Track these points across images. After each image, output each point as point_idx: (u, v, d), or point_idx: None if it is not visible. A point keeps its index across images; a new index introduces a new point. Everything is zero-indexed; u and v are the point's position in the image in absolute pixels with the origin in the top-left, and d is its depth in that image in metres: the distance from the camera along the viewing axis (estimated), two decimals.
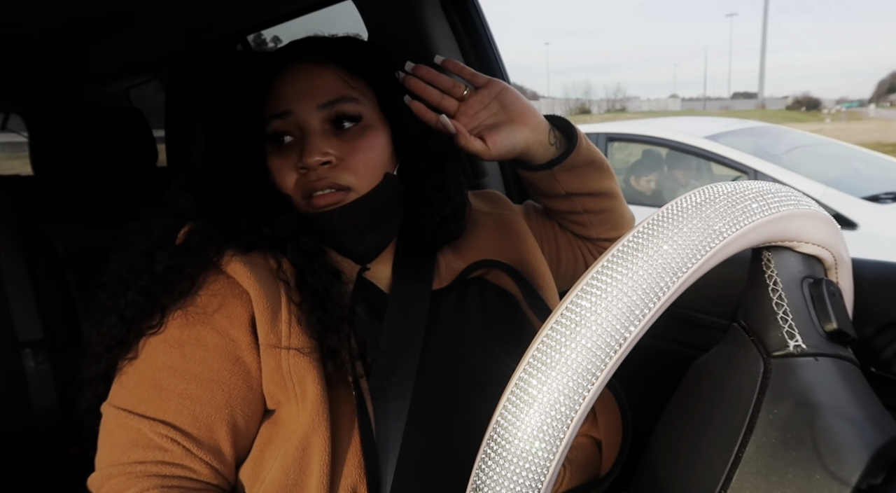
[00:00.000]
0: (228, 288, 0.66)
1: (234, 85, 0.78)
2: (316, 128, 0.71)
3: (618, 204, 0.90)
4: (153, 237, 0.69)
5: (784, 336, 0.51)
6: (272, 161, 0.73)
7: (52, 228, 1.37)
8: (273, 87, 0.74)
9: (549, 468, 0.41)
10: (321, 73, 0.73)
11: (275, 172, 0.73)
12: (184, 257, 0.66)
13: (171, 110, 0.93)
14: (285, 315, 0.64)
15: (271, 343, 0.64)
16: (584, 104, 65.08)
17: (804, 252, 0.56)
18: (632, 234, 0.45)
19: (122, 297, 0.66)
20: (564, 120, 0.85)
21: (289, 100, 0.72)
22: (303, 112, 0.72)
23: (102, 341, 0.67)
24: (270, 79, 0.74)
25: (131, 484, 0.60)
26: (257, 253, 0.68)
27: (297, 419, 0.64)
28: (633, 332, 0.42)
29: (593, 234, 0.91)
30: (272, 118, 0.72)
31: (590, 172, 0.85)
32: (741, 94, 76.96)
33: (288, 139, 0.73)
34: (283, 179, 0.72)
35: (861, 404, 0.49)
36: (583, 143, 0.83)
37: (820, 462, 0.43)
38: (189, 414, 0.62)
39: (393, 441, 0.66)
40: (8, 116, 2.53)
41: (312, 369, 0.63)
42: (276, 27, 1.71)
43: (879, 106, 41.46)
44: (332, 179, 0.71)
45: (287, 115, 0.72)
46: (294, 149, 0.72)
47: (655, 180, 3.85)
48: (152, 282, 0.65)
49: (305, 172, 0.71)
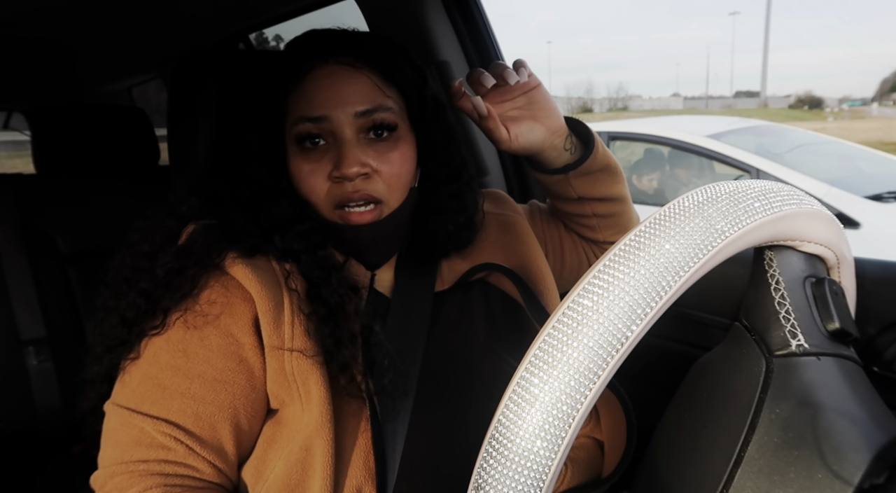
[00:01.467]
0: (231, 290, 0.65)
1: (253, 81, 0.74)
2: (351, 137, 0.68)
3: (627, 208, 0.90)
4: (156, 238, 0.68)
5: (786, 335, 0.51)
6: (300, 165, 0.69)
7: (55, 227, 1.37)
8: (301, 86, 0.69)
9: (551, 467, 0.41)
10: (357, 79, 0.69)
11: (302, 177, 0.69)
12: (185, 259, 0.65)
13: (174, 109, 0.93)
14: (288, 317, 0.64)
15: (274, 345, 0.64)
16: (586, 103, 65.01)
17: (806, 251, 0.56)
18: (634, 233, 0.45)
19: (123, 298, 0.66)
20: (583, 124, 0.84)
21: (325, 105, 0.68)
22: (339, 119, 0.68)
23: (104, 342, 0.67)
24: (299, 77, 0.70)
25: (134, 483, 0.60)
26: (260, 255, 0.68)
27: (302, 420, 0.64)
28: (635, 331, 0.42)
29: (600, 237, 0.91)
30: (303, 121, 0.68)
31: (604, 178, 0.84)
32: (744, 92, 76.81)
33: (320, 143, 0.69)
34: (312, 184, 0.69)
35: (863, 403, 0.48)
36: (599, 149, 0.83)
37: (822, 462, 0.43)
38: (192, 413, 0.62)
39: (397, 442, 0.66)
40: (11, 114, 2.54)
41: (316, 370, 0.63)
42: (277, 26, 1.71)
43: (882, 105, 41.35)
44: (367, 191, 0.69)
45: (322, 120, 0.68)
46: (326, 155, 0.69)
47: (657, 179, 3.84)
48: (153, 285, 0.65)
49: (340, 181, 0.68)
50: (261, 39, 2.02)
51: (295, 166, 0.70)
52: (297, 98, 0.69)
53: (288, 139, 0.70)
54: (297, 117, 0.69)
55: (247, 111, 0.73)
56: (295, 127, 0.69)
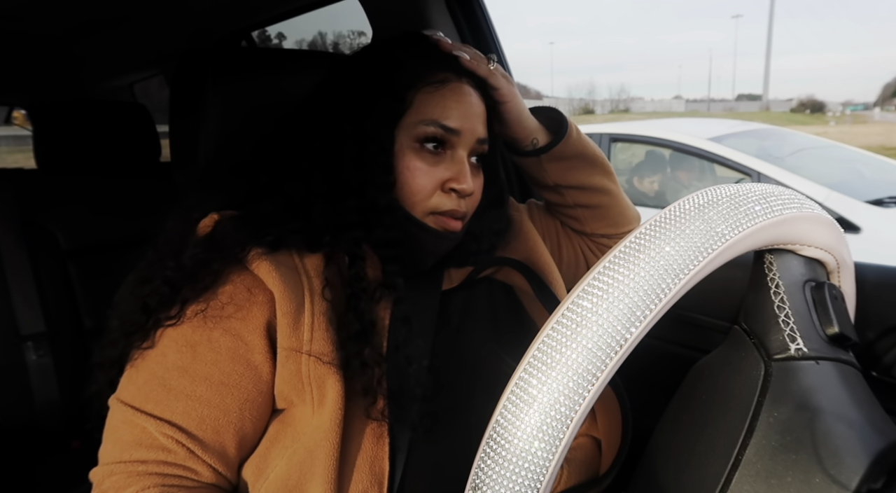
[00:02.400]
0: (251, 287, 0.64)
1: (372, 71, 0.73)
2: (465, 157, 0.72)
3: (614, 202, 0.90)
4: (190, 226, 0.68)
5: (785, 339, 0.51)
6: (415, 162, 0.70)
7: (55, 222, 1.37)
8: (439, 92, 0.71)
9: (549, 468, 0.41)
10: (481, 108, 0.74)
11: (415, 174, 0.70)
12: (214, 253, 0.65)
13: (176, 106, 0.93)
14: (308, 319, 0.63)
15: (292, 347, 0.63)
16: (588, 104, 65.01)
17: (807, 255, 0.56)
18: (634, 235, 0.45)
19: (148, 284, 0.66)
20: (555, 110, 0.86)
21: (460, 119, 0.71)
22: (467, 138, 0.71)
23: (122, 327, 0.66)
24: (433, 81, 0.71)
25: (132, 482, 0.60)
26: (284, 251, 0.66)
27: (311, 422, 0.64)
28: (634, 333, 0.42)
29: (587, 229, 0.91)
30: (435, 125, 0.70)
31: (580, 166, 0.85)
32: (746, 96, 76.80)
33: (439, 151, 0.71)
34: (422, 184, 0.70)
35: (862, 408, 0.48)
36: (573, 134, 0.84)
37: (820, 466, 0.43)
38: (196, 416, 0.62)
39: (401, 446, 0.66)
40: (12, 109, 2.54)
41: (332, 374, 0.63)
42: (279, 24, 1.71)
43: (884, 109, 41.34)
44: (464, 210, 0.73)
45: (454, 133, 0.70)
46: (441, 163, 0.71)
47: (658, 181, 3.84)
48: (180, 275, 0.64)
49: (449, 193, 0.71)
50: (263, 37, 2.02)
51: (409, 163, 0.70)
52: (430, 100, 0.70)
53: (403, 135, 0.70)
54: (429, 120, 0.70)
55: (358, 100, 0.72)
56: (422, 127, 0.70)
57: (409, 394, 0.65)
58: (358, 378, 0.64)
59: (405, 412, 0.65)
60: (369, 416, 0.64)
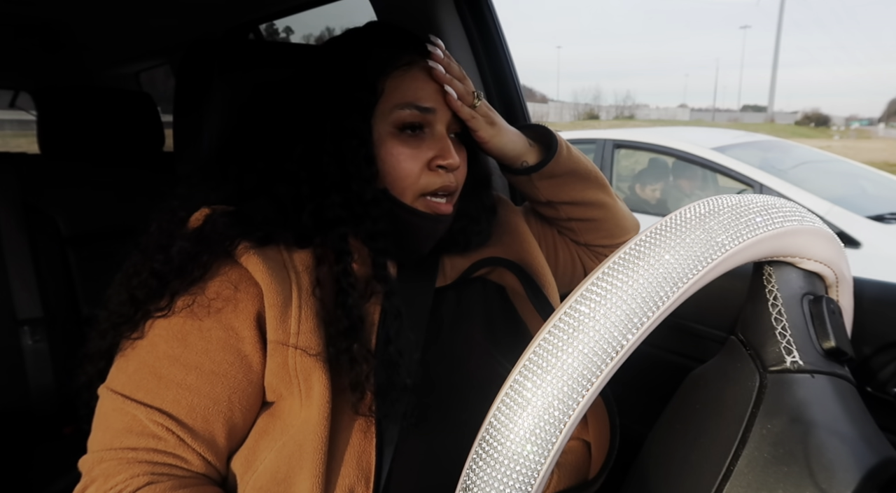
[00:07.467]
0: (239, 280, 0.65)
1: (338, 63, 0.72)
2: (445, 132, 0.73)
3: (609, 214, 0.89)
4: (177, 222, 0.68)
5: (781, 352, 0.51)
6: (398, 149, 0.70)
7: (56, 207, 1.37)
8: (407, 74, 0.71)
9: (540, 472, 0.41)
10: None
11: (399, 161, 0.70)
12: (202, 246, 0.65)
13: (181, 96, 0.93)
14: (295, 312, 0.64)
15: (279, 340, 0.63)
16: (593, 109, 64.97)
17: (806, 268, 0.56)
18: (634, 242, 0.45)
19: (136, 276, 0.66)
20: (544, 128, 0.86)
21: (432, 98, 0.71)
22: (443, 114, 0.72)
23: (110, 318, 0.66)
24: (400, 65, 0.71)
25: (121, 469, 0.60)
26: (272, 246, 0.67)
27: (299, 415, 0.64)
28: (631, 340, 0.42)
29: (582, 240, 0.91)
30: (410, 107, 0.70)
31: (571, 182, 0.85)
32: (751, 107, 76.78)
33: (418, 132, 0.71)
34: (408, 169, 0.70)
35: (855, 423, 0.48)
36: (563, 153, 0.83)
37: (811, 479, 0.43)
38: (186, 405, 0.62)
39: (389, 440, 0.66)
40: (17, 93, 2.54)
41: (319, 367, 0.63)
42: (288, 18, 1.71)
43: (889, 125, 41.34)
44: (456, 184, 0.73)
45: (429, 111, 0.71)
46: (423, 143, 0.71)
47: (660, 189, 3.84)
48: (168, 267, 0.65)
49: (437, 171, 0.71)
50: (271, 30, 2.02)
51: (391, 150, 0.70)
52: (400, 85, 0.71)
53: (380, 123, 0.70)
54: (403, 103, 0.70)
55: (331, 93, 0.71)
56: (397, 112, 0.70)
57: (398, 387, 0.65)
58: (346, 374, 0.64)
59: (394, 407, 0.65)
60: (357, 412, 0.64)
